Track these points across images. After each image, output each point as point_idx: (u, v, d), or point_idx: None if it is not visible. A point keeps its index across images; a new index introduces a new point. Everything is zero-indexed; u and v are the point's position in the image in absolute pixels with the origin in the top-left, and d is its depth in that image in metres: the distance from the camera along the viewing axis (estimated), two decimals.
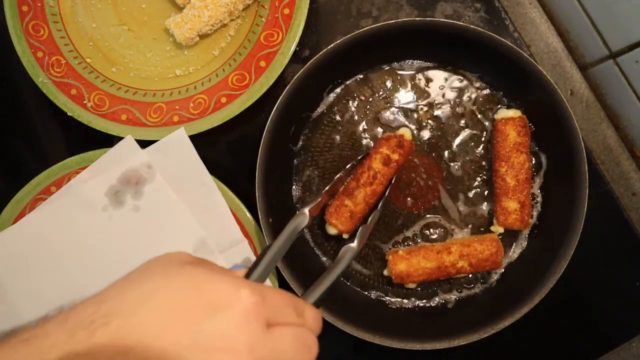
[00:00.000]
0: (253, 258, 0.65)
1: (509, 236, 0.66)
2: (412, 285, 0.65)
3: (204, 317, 0.35)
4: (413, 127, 0.67)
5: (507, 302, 0.62)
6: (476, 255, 0.62)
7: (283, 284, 0.63)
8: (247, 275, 0.44)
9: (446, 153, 0.67)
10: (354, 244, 0.57)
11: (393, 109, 0.67)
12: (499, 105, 0.66)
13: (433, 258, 0.62)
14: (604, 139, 0.72)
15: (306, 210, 0.56)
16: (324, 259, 0.67)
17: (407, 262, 0.62)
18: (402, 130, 0.64)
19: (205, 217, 0.65)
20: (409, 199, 0.67)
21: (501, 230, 0.65)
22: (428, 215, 0.67)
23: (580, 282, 0.68)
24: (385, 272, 0.65)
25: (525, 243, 0.66)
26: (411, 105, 0.67)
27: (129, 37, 0.70)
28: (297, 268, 0.63)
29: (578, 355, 0.69)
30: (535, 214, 0.66)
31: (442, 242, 0.65)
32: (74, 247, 0.65)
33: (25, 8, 0.68)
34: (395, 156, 0.60)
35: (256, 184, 0.62)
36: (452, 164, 0.67)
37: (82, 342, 0.34)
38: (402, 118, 0.67)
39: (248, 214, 0.66)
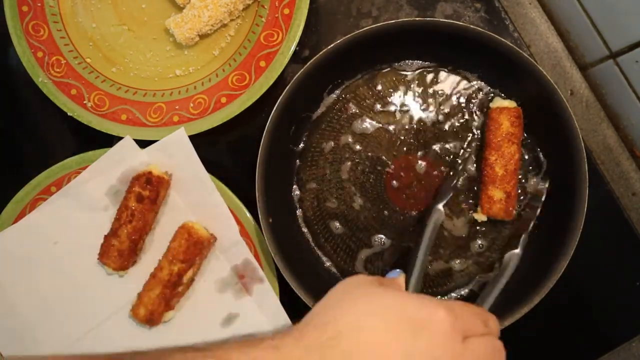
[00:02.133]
0: (252, 259, 0.65)
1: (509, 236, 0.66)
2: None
3: (413, 337, 0.41)
4: (411, 125, 0.67)
5: (507, 302, 0.62)
6: (178, 250, 0.62)
7: (283, 284, 0.63)
8: (407, 282, 0.53)
9: (445, 152, 0.67)
10: (518, 250, 0.61)
11: (393, 109, 0.67)
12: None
13: (155, 283, 0.62)
14: (604, 139, 0.72)
15: (440, 207, 0.61)
16: (324, 258, 0.67)
17: (143, 305, 0.62)
18: (150, 167, 0.64)
19: (204, 217, 0.66)
20: (409, 200, 0.67)
21: (484, 218, 0.65)
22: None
23: (580, 282, 0.68)
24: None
25: (525, 243, 0.66)
26: (411, 105, 0.67)
27: (129, 37, 0.70)
28: (297, 268, 0.63)
29: (578, 355, 0.69)
30: (535, 213, 0.66)
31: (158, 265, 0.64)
32: (74, 247, 0.65)
33: (25, 8, 0.68)
34: (146, 193, 0.62)
35: (256, 184, 0.62)
36: (451, 162, 0.67)
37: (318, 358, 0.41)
38: (402, 118, 0.67)
39: (248, 214, 0.66)
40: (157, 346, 0.64)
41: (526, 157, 0.66)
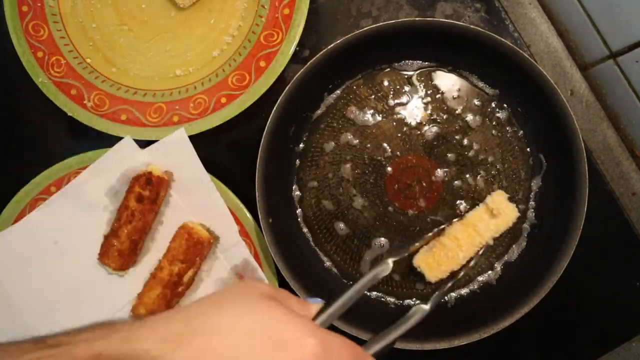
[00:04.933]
0: (251, 259, 0.65)
1: (509, 236, 0.66)
2: None
3: (270, 355, 0.39)
4: (411, 126, 0.67)
5: (507, 302, 0.62)
6: (178, 251, 0.62)
7: (283, 284, 0.63)
8: (319, 312, 0.48)
9: (445, 151, 0.67)
10: (427, 307, 0.56)
11: (392, 109, 0.67)
12: (492, 104, 0.66)
13: (155, 284, 0.62)
14: (604, 139, 0.72)
15: (390, 262, 0.56)
16: (324, 258, 0.67)
17: (143, 305, 0.62)
18: (150, 167, 0.64)
19: (204, 217, 0.66)
20: (409, 200, 0.67)
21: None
22: (430, 214, 0.67)
23: (580, 282, 0.68)
24: None
25: (525, 243, 0.66)
26: (411, 105, 0.67)
27: (129, 37, 0.70)
28: (297, 269, 0.63)
29: (578, 355, 0.69)
30: (534, 213, 0.66)
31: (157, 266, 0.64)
32: (74, 247, 0.65)
33: (25, 8, 0.68)
34: (146, 193, 0.62)
35: (256, 184, 0.62)
36: (450, 162, 0.67)
37: (168, 352, 0.39)
38: (401, 118, 0.67)
39: (248, 214, 0.66)
40: None
41: (527, 157, 0.66)
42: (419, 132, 0.67)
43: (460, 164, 0.67)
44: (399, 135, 0.67)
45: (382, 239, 0.67)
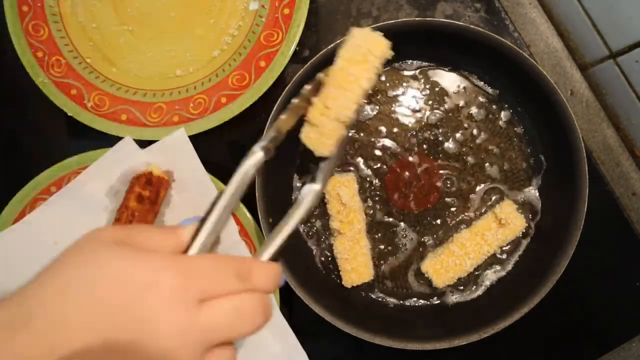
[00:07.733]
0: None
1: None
2: None
3: (124, 309, 0.33)
4: (411, 125, 0.67)
5: (507, 302, 0.62)
6: None
7: (283, 285, 0.63)
8: (197, 232, 0.39)
9: (445, 151, 0.67)
10: (317, 186, 0.47)
11: (392, 109, 0.67)
12: (492, 104, 0.67)
13: None
14: (604, 139, 0.72)
15: (258, 148, 0.45)
16: (323, 259, 0.67)
17: None
18: (151, 167, 0.64)
19: None
20: (409, 199, 0.67)
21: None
22: (431, 213, 0.67)
23: (580, 282, 0.68)
24: None
25: (526, 243, 0.66)
26: (411, 105, 0.67)
27: (129, 37, 0.70)
28: (297, 268, 0.63)
29: (578, 355, 0.69)
30: (534, 214, 0.66)
31: None
32: None
33: (25, 8, 0.68)
34: (146, 193, 0.62)
35: (256, 184, 0.62)
36: (450, 162, 0.67)
37: (4, 344, 0.32)
38: (401, 118, 0.67)
39: (248, 214, 0.66)
40: None
41: (527, 157, 0.66)
42: (417, 132, 0.67)
43: (458, 161, 0.67)
44: (398, 134, 0.67)
45: (380, 234, 0.67)
